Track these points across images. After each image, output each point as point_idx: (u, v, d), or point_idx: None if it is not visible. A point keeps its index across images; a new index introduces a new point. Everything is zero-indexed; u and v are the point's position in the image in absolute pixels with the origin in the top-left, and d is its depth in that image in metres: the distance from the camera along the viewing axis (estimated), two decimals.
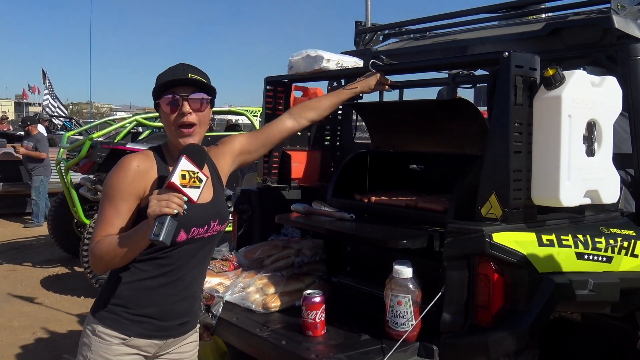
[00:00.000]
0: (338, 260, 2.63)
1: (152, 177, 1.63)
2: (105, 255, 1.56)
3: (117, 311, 1.65)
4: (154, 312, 1.67)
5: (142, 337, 1.66)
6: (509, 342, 1.76)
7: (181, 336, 1.77)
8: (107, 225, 1.59)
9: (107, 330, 1.64)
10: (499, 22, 3.04)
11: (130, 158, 1.64)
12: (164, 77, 1.67)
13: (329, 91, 3.21)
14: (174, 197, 1.46)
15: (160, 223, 1.43)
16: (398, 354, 1.78)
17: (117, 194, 1.60)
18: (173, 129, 1.66)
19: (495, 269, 1.75)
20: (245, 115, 6.51)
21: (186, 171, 1.50)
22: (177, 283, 1.69)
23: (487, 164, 1.87)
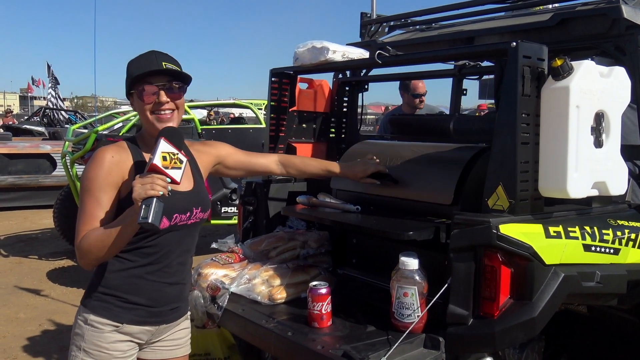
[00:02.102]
0: (344, 252, 2.63)
1: (129, 167, 1.66)
2: (94, 249, 1.57)
3: (108, 300, 1.68)
4: (145, 299, 1.70)
5: (134, 323, 1.70)
6: (515, 333, 1.75)
7: (173, 322, 1.82)
8: (90, 219, 1.60)
9: (99, 318, 1.67)
10: (506, 13, 3.01)
11: (104, 150, 1.66)
12: (137, 67, 1.67)
13: (335, 83, 3.20)
14: (157, 179, 1.48)
15: (146, 205, 1.45)
16: (404, 345, 1.77)
17: (95, 186, 1.61)
18: (150, 117, 1.68)
19: (502, 261, 1.75)
20: (249, 108, 6.49)
21: (166, 153, 1.52)
22: (164, 270, 1.73)
23: (494, 155, 1.85)
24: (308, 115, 3.05)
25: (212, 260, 2.39)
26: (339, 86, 3.16)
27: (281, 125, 2.91)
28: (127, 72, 1.69)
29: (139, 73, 1.65)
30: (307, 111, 3.04)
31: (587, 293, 1.90)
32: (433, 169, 2.25)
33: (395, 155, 2.43)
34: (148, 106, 1.66)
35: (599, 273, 1.86)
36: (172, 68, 1.67)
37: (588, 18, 2.35)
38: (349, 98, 3.22)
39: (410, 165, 2.32)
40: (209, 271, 2.29)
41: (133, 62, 1.70)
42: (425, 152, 2.35)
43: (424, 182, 2.25)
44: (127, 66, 1.70)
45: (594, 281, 1.85)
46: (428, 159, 2.30)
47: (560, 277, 1.76)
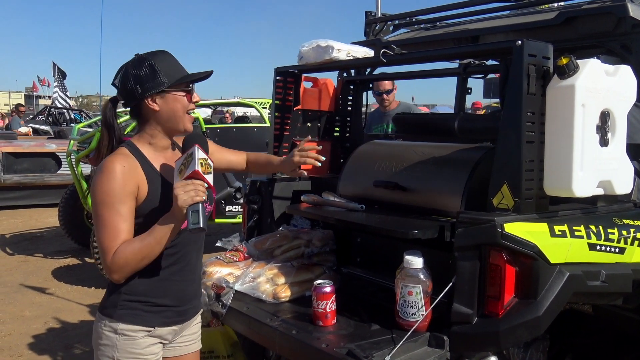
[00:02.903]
0: (348, 251, 2.63)
1: (140, 174, 1.64)
2: (132, 261, 1.57)
3: (136, 306, 1.67)
4: (171, 300, 1.72)
5: (164, 325, 1.73)
6: (519, 332, 1.75)
7: (193, 317, 1.86)
8: (116, 233, 1.57)
9: (130, 326, 1.67)
10: (511, 12, 3.01)
11: (112, 160, 1.62)
12: (173, 68, 1.70)
13: (339, 82, 3.20)
14: (199, 185, 1.52)
15: (194, 212, 1.50)
16: (408, 343, 1.77)
17: (115, 198, 1.58)
18: (183, 116, 1.71)
19: (507, 260, 1.74)
20: (254, 107, 6.50)
21: (202, 159, 1.55)
22: (186, 269, 1.76)
23: (499, 154, 1.85)
24: (312, 114, 3.05)
25: (217, 258, 2.39)
26: (344, 85, 3.16)
27: (285, 124, 2.91)
28: (162, 70, 1.66)
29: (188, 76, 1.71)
30: (311, 110, 3.04)
31: (592, 292, 1.89)
32: (440, 174, 2.24)
33: (401, 157, 2.43)
34: (186, 104, 1.71)
35: (604, 272, 1.85)
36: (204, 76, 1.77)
37: (594, 16, 2.35)
38: (354, 97, 3.21)
39: (417, 169, 2.32)
40: (214, 269, 2.29)
41: (162, 60, 1.69)
42: (432, 153, 2.34)
43: (431, 188, 2.24)
44: (153, 63, 1.66)
45: (599, 280, 1.85)
46: (435, 162, 2.29)
47: (565, 276, 1.75)
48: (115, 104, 1.77)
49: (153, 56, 1.69)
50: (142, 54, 1.72)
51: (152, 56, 1.69)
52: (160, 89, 1.66)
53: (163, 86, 1.66)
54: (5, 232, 7.57)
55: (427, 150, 2.39)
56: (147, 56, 1.70)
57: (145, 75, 1.66)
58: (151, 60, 1.67)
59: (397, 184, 2.29)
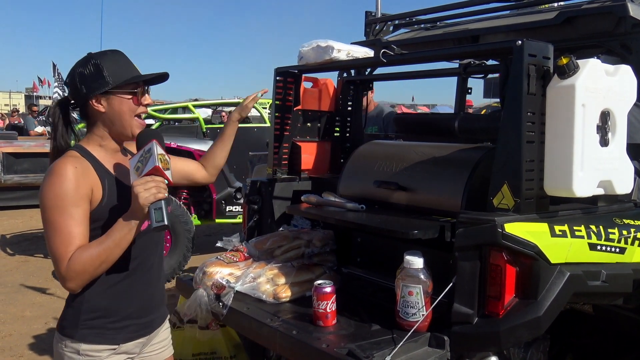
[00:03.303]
0: (348, 251, 2.63)
1: (94, 176, 1.56)
2: (89, 267, 1.47)
3: (98, 324, 1.58)
4: (135, 311, 1.64)
5: (129, 340, 1.64)
6: (520, 333, 1.75)
7: (159, 326, 1.78)
8: (70, 238, 1.47)
9: (93, 346, 1.57)
10: (511, 12, 3.01)
11: (63, 163, 1.53)
12: (122, 67, 1.61)
13: (339, 82, 3.20)
14: (160, 182, 1.46)
15: (157, 209, 1.43)
16: (409, 344, 1.77)
17: (67, 202, 1.48)
18: (130, 120, 1.62)
19: (507, 260, 1.74)
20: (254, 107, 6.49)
21: (161, 154, 1.50)
22: (148, 274, 1.68)
23: (499, 154, 1.85)
24: (313, 114, 3.05)
25: (217, 259, 2.39)
26: (344, 85, 3.16)
27: (286, 124, 2.91)
28: (107, 69, 1.58)
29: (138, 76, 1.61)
30: (311, 110, 3.04)
31: (592, 292, 1.89)
32: (440, 174, 2.24)
33: (402, 157, 2.43)
34: (134, 108, 1.62)
35: (604, 272, 1.86)
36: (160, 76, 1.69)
37: (594, 16, 2.35)
38: (354, 97, 3.21)
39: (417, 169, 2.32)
40: (214, 270, 2.29)
41: (110, 60, 1.61)
42: (432, 154, 2.34)
43: (431, 188, 2.24)
44: (99, 63, 1.59)
45: (599, 280, 1.85)
46: (435, 162, 2.29)
47: (565, 276, 1.75)
48: (66, 104, 1.68)
49: (101, 55, 1.62)
50: (91, 53, 1.64)
51: (100, 55, 1.62)
52: (104, 89, 1.58)
53: (107, 86, 1.57)
54: (5, 232, 7.57)
55: (427, 150, 2.39)
56: (95, 55, 1.62)
57: (90, 75, 1.58)
58: (97, 59, 1.59)
59: (398, 184, 2.29)
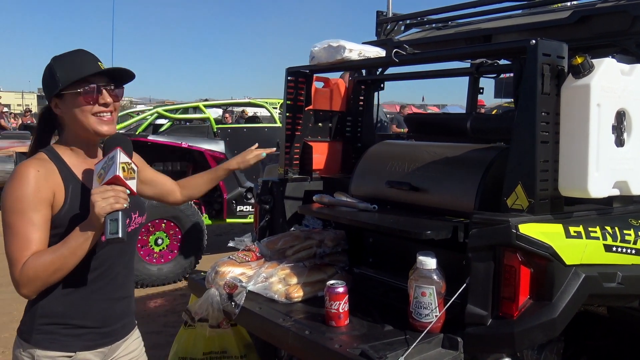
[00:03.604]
0: (360, 251, 2.62)
1: (57, 180, 1.51)
2: (42, 274, 1.42)
3: (52, 330, 1.53)
4: (93, 321, 1.58)
5: (87, 349, 1.57)
6: (535, 334, 1.74)
7: (124, 337, 1.71)
8: (26, 243, 1.43)
9: (47, 352, 1.52)
10: (524, 11, 2.99)
11: (26, 165, 1.50)
12: (74, 65, 1.54)
13: (350, 82, 3.20)
14: (120, 192, 1.41)
15: (113, 220, 1.38)
16: (422, 344, 1.77)
17: (26, 205, 1.44)
18: (91, 120, 1.54)
19: (522, 261, 1.73)
20: (264, 107, 6.52)
21: (124, 163, 1.44)
22: (111, 285, 1.62)
23: (513, 154, 1.84)
24: (324, 114, 3.05)
25: (229, 258, 2.40)
26: (355, 85, 3.16)
27: (297, 124, 2.91)
28: (58, 72, 1.54)
29: (86, 72, 1.52)
30: (323, 110, 3.04)
31: (608, 294, 1.88)
32: (453, 174, 2.23)
33: (414, 157, 2.42)
34: (89, 107, 1.53)
35: (620, 274, 1.84)
36: (113, 68, 1.58)
37: (608, 15, 2.32)
38: (365, 97, 3.21)
39: (429, 169, 2.31)
40: (226, 269, 2.29)
41: (64, 62, 1.56)
42: (444, 154, 2.33)
43: (443, 189, 2.23)
44: (52, 65, 1.56)
45: (615, 282, 1.83)
46: (448, 162, 2.28)
47: (580, 277, 1.74)
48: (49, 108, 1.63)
49: (58, 58, 1.58)
50: (54, 57, 1.61)
51: (57, 58, 1.59)
52: (55, 91, 1.54)
53: (57, 89, 1.53)
54: None
55: (439, 150, 2.38)
56: (53, 58, 1.59)
57: (45, 79, 1.58)
58: (52, 62, 1.57)
59: (410, 184, 2.28)
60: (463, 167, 2.21)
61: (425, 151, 2.41)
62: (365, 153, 2.72)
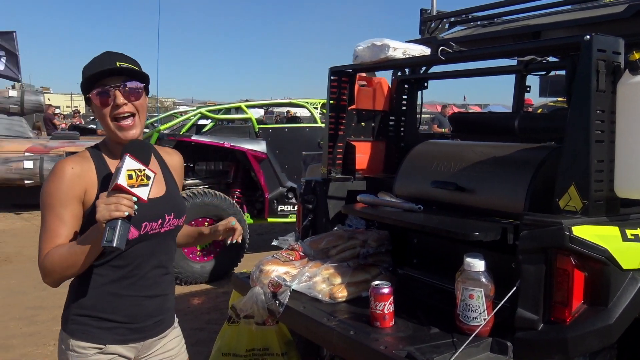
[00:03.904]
0: (404, 252, 2.60)
1: (91, 178, 1.54)
2: (57, 267, 1.47)
3: (85, 322, 1.56)
4: (122, 316, 1.59)
5: (117, 343, 1.59)
6: (589, 341, 1.68)
7: (159, 335, 1.70)
8: (52, 236, 1.50)
9: (80, 342, 1.56)
10: (573, 6, 2.89)
11: (64, 162, 1.53)
12: (90, 68, 1.54)
13: (393, 81, 3.17)
14: (123, 199, 1.38)
15: (111, 228, 1.36)
16: (470, 348, 1.73)
17: (56, 201, 1.49)
18: (110, 123, 1.54)
19: (575, 264, 1.68)
20: (305, 107, 6.54)
21: (132, 170, 1.42)
22: (139, 284, 1.61)
23: (566, 154, 1.78)
24: (367, 113, 3.04)
25: (273, 257, 2.41)
26: (398, 84, 3.13)
27: (340, 124, 2.91)
28: (82, 77, 1.56)
29: (90, 74, 1.52)
30: (366, 109, 3.03)
31: None
32: (502, 174, 2.17)
33: (460, 156, 2.38)
34: (106, 110, 1.53)
35: None
36: (126, 66, 1.54)
37: None
38: (408, 96, 3.18)
39: (476, 169, 2.26)
40: (271, 268, 2.31)
41: (86, 66, 1.57)
42: (492, 153, 2.28)
43: (491, 189, 2.18)
44: (82, 71, 1.57)
45: None
46: (496, 162, 2.23)
47: (639, 283, 1.67)
48: None
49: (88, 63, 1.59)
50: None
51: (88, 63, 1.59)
52: (83, 93, 1.57)
53: (82, 89, 1.56)
54: None
55: (487, 150, 2.33)
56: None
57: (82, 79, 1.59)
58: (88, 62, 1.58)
59: (456, 184, 2.24)
60: (512, 166, 2.15)
61: (472, 151, 2.37)
62: (410, 153, 2.69)
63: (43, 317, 4.45)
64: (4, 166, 8.37)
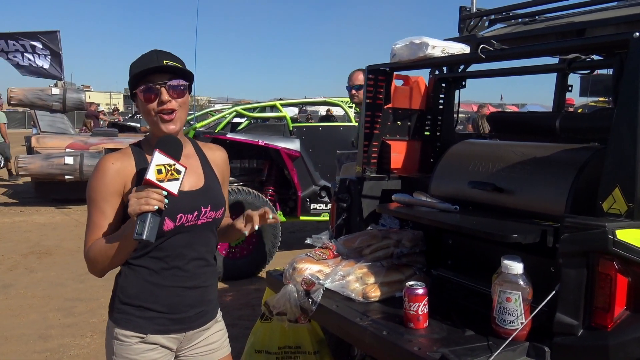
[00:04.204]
0: (438, 253, 2.56)
1: (131, 173, 1.61)
2: (99, 258, 1.56)
3: (128, 310, 1.63)
4: (163, 306, 1.64)
5: (158, 333, 1.64)
6: (632, 348, 1.62)
7: (201, 327, 1.73)
8: (95, 229, 1.58)
9: (124, 331, 1.62)
10: (619, 3, 2.80)
11: (106, 158, 1.61)
12: (138, 66, 1.60)
13: (430, 80, 3.13)
14: (153, 193, 1.43)
15: (142, 221, 1.41)
16: (506, 352, 1.69)
17: (98, 195, 1.58)
18: (154, 117, 1.60)
19: (619, 269, 1.62)
20: (340, 106, 6.52)
21: (162, 165, 1.46)
22: (180, 274, 1.65)
23: (611, 155, 1.72)
24: (403, 112, 3.01)
25: (307, 255, 2.41)
26: (436, 83, 3.08)
27: (376, 123, 2.89)
28: (129, 73, 1.62)
29: (137, 71, 1.58)
30: (402, 108, 3.00)
31: None
32: (542, 175, 2.11)
33: (498, 157, 2.33)
34: (151, 106, 1.58)
35: None
36: (172, 65, 1.59)
37: None
38: (445, 95, 3.13)
39: (515, 170, 2.21)
40: (304, 266, 2.31)
41: (134, 63, 1.62)
42: (532, 154, 2.22)
43: (531, 190, 2.13)
44: (129, 68, 1.63)
45: None
46: (536, 163, 2.17)
47: None
48: None
49: (135, 60, 1.64)
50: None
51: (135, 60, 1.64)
52: (130, 89, 1.63)
53: (129, 86, 1.63)
54: None
55: (526, 150, 2.27)
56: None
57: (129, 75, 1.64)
58: (135, 59, 1.63)
59: (494, 184, 2.20)
60: (553, 167, 2.10)
61: (511, 151, 2.31)
62: (447, 152, 2.65)
63: (81, 309, 4.57)
64: (46, 161, 8.63)
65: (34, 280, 5.35)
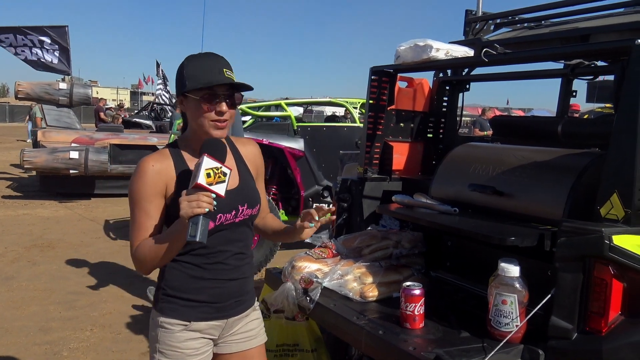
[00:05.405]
0: (437, 255, 2.57)
1: (171, 174, 1.66)
2: (148, 258, 1.61)
3: (173, 300, 1.71)
4: (206, 297, 1.72)
5: (201, 320, 1.72)
6: (624, 353, 1.63)
7: (241, 314, 1.81)
8: (141, 229, 1.64)
9: (168, 319, 1.70)
10: (625, 9, 2.80)
11: (146, 160, 1.66)
12: (202, 71, 1.62)
13: (434, 82, 3.14)
14: (203, 197, 1.47)
15: (194, 224, 1.46)
16: (500, 354, 1.70)
17: (141, 197, 1.63)
18: (206, 124, 1.63)
19: (614, 274, 1.63)
20: (345, 107, 6.54)
21: (210, 169, 1.49)
22: (221, 268, 1.73)
23: (610, 161, 1.73)
24: (406, 114, 3.02)
25: (306, 254, 2.43)
26: (439, 85, 3.10)
27: (378, 124, 2.90)
28: (187, 73, 1.64)
29: (210, 82, 1.60)
30: (405, 110, 3.01)
31: None
32: (542, 179, 2.12)
33: (499, 160, 2.34)
34: (209, 114, 1.62)
35: None
36: (234, 80, 1.64)
37: None
38: (449, 98, 3.14)
39: (515, 174, 2.22)
40: (303, 264, 2.32)
41: (194, 64, 1.65)
42: (533, 158, 2.23)
43: (530, 194, 2.14)
44: (184, 64, 1.66)
45: None
46: (536, 167, 2.18)
47: None
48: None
49: (191, 59, 1.67)
50: (189, 55, 1.70)
51: (189, 58, 1.68)
52: (182, 91, 1.65)
53: (184, 88, 1.64)
54: (109, 217, 8.15)
55: (527, 154, 2.28)
56: (187, 57, 1.69)
57: (177, 76, 1.68)
58: (185, 62, 1.67)
59: (494, 188, 2.21)
60: (553, 172, 2.10)
61: (512, 155, 2.32)
62: (448, 155, 2.66)
63: (82, 303, 4.60)
64: (51, 155, 8.68)
65: (36, 273, 5.39)
